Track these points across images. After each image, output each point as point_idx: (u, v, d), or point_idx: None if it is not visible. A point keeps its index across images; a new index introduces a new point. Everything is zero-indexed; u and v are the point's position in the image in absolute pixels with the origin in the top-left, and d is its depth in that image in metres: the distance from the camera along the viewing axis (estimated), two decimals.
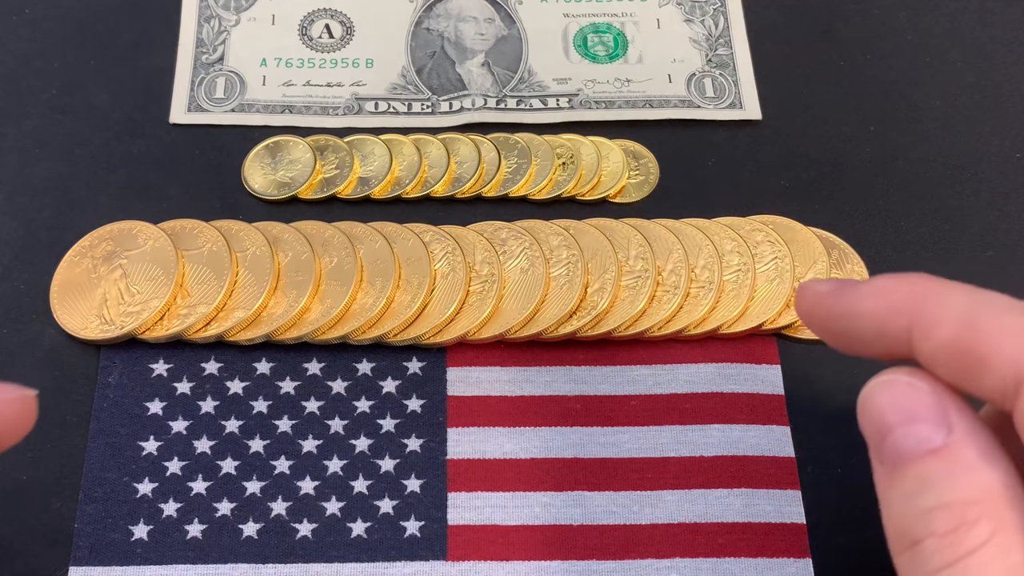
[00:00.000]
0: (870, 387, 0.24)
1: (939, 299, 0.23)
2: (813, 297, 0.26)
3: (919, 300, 0.23)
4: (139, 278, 0.37)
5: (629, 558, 0.34)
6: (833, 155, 0.42)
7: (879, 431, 0.24)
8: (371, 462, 0.35)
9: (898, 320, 0.24)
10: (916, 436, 0.23)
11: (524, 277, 0.38)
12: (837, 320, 0.25)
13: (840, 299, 0.25)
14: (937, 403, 0.23)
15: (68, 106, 0.42)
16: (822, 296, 0.26)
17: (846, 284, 0.26)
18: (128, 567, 0.33)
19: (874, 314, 0.24)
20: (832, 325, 0.26)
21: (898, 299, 0.24)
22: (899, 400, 0.24)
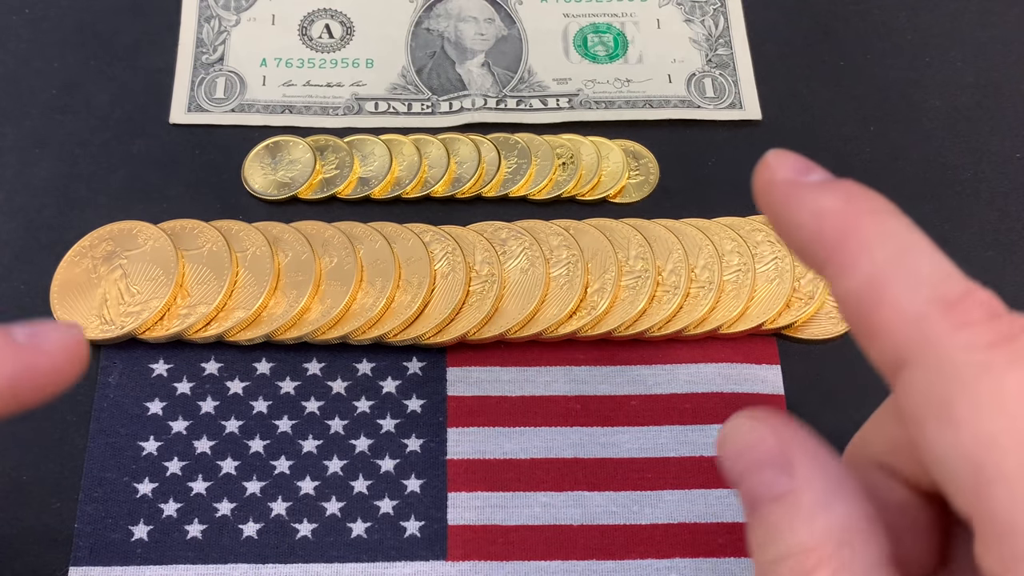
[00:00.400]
0: (721, 433, 0.24)
1: (862, 247, 0.22)
2: (768, 176, 0.25)
3: (845, 238, 0.22)
4: (139, 278, 0.37)
5: (629, 558, 0.34)
6: (833, 155, 0.42)
7: (734, 477, 0.23)
8: (371, 462, 0.35)
9: (819, 248, 0.23)
10: (762, 483, 0.22)
11: (524, 277, 0.38)
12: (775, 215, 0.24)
13: (784, 195, 0.24)
14: (780, 450, 0.23)
15: (68, 106, 0.42)
16: (775, 182, 0.25)
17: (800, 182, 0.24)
18: (128, 567, 0.33)
19: (803, 230, 0.23)
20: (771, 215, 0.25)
21: (827, 228, 0.22)
22: (746, 448, 0.23)
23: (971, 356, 0.20)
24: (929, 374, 0.20)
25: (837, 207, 0.23)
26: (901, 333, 0.21)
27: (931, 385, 0.20)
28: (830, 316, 0.38)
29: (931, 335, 0.20)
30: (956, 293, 0.21)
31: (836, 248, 0.22)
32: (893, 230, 0.22)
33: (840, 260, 0.22)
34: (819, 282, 0.38)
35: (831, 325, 0.38)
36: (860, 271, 0.22)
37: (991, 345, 0.20)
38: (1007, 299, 0.42)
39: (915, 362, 0.20)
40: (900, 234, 0.22)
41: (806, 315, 0.37)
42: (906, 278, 0.21)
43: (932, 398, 0.20)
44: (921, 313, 0.21)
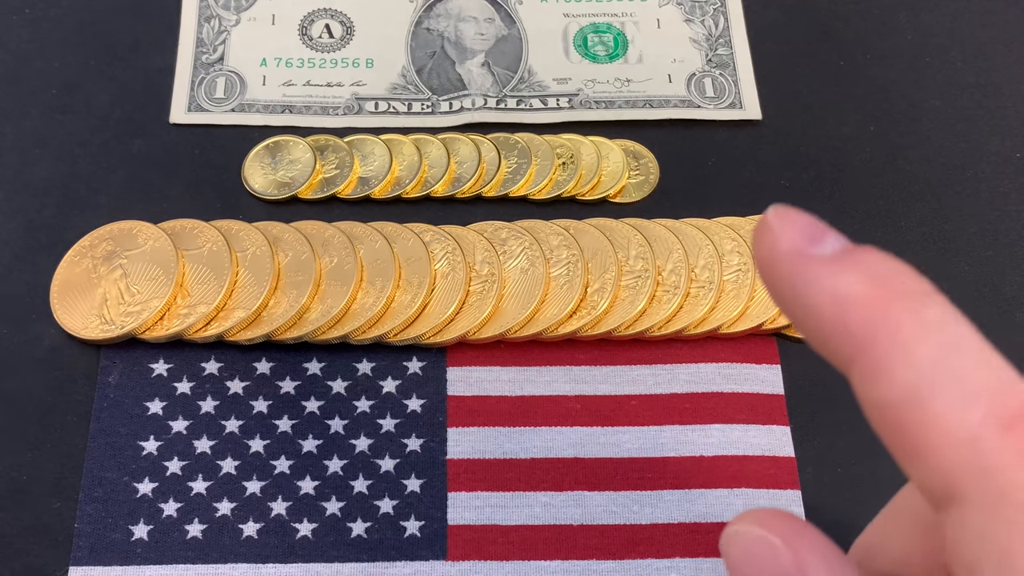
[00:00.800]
0: (725, 536, 0.21)
1: (899, 346, 0.18)
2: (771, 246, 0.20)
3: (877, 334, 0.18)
4: (139, 278, 0.37)
5: (629, 558, 0.34)
6: (833, 155, 0.42)
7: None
8: (371, 462, 0.35)
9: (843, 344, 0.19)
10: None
11: (524, 277, 0.38)
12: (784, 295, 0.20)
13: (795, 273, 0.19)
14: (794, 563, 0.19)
15: (68, 106, 0.42)
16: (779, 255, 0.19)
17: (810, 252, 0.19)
18: (128, 567, 0.33)
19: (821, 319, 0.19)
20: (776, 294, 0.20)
21: (854, 319, 0.18)
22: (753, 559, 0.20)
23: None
24: (986, 513, 0.17)
25: (863, 292, 0.18)
26: (951, 460, 0.17)
27: (989, 527, 0.17)
28: None
29: (989, 466, 0.17)
30: (1017, 407, 0.17)
31: (865, 346, 0.18)
32: (935, 322, 0.18)
33: (872, 362, 0.18)
34: None
35: None
36: (899, 379, 0.18)
37: None
38: (1007, 299, 0.42)
39: (969, 496, 0.17)
40: (944, 328, 0.18)
41: None
42: (955, 389, 0.17)
43: (990, 542, 0.17)
44: (975, 436, 0.17)
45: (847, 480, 0.35)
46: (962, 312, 0.18)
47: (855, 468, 0.36)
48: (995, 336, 0.41)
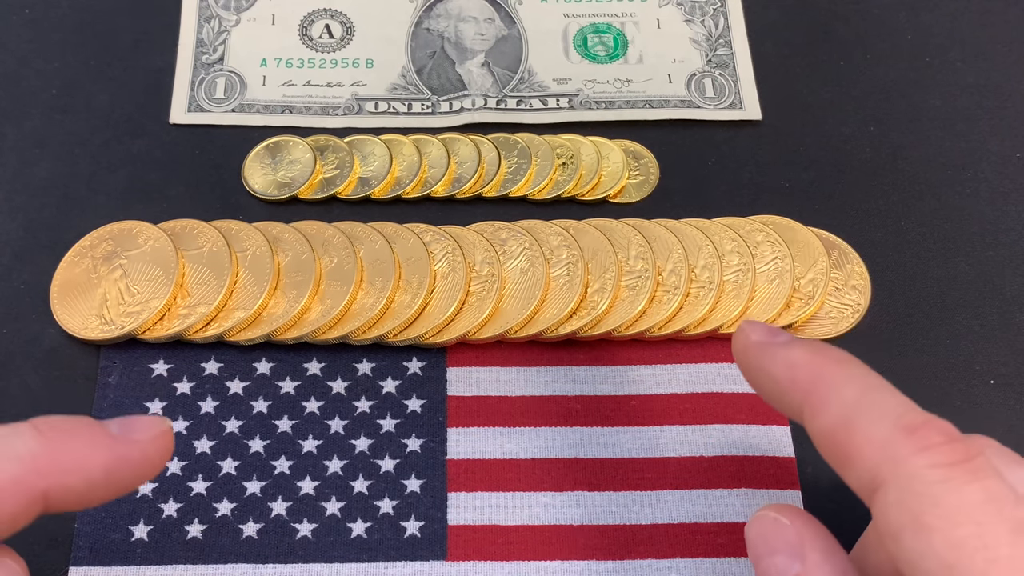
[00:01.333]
0: (750, 520, 0.28)
1: (831, 389, 0.26)
2: (744, 341, 0.29)
3: (816, 383, 0.26)
4: (139, 278, 0.37)
5: (629, 558, 0.34)
6: (833, 155, 0.42)
7: (753, 558, 0.27)
8: (371, 462, 0.35)
9: (795, 395, 0.26)
10: (776, 566, 0.26)
11: (524, 277, 0.38)
12: (753, 372, 0.29)
13: (759, 355, 0.28)
14: (795, 537, 0.26)
15: (68, 106, 0.42)
16: (750, 344, 0.29)
17: (771, 341, 0.28)
18: (128, 567, 0.33)
19: (779, 382, 0.27)
20: (749, 374, 0.29)
21: (800, 376, 0.26)
22: (765, 533, 0.27)
23: (935, 473, 0.23)
24: (900, 491, 0.23)
25: (806, 358, 0.27)
26: (873, 458, 0.24)
27: (903, 500, 0.23)
28: (830, 316, 0.38)
29: (899, 457, 0.24)
30: (917, 421, 0.24)
31: (809, 392, 0.26)
32: (856, 374, 0.26)
33: (814, 402, 0.26)
34: (819, 282, 0.38)
35: (831, 325, 0.38)
36: (832, 409, 0.25)
37: (951, 464, 0.23)
38: (1007, 299, 0.42)
39: (887, 482, 0.24)
40: (863, 377, 0.26)
41: (806, 315, 0.37)
42: (873, 411, 0.25)
43: (905, 511, 0.23)
44: (888, 439, 0.24)
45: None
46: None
47: None
48: (995, 336, 0.41)
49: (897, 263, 0.40)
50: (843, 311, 0.38)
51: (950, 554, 0.22)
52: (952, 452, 0.24)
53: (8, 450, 0.25)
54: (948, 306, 0.39)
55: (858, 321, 0.38)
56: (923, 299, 0.39)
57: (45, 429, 0.25)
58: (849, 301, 0.38)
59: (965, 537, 0.22)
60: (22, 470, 0.24)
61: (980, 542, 0.22)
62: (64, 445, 0.25)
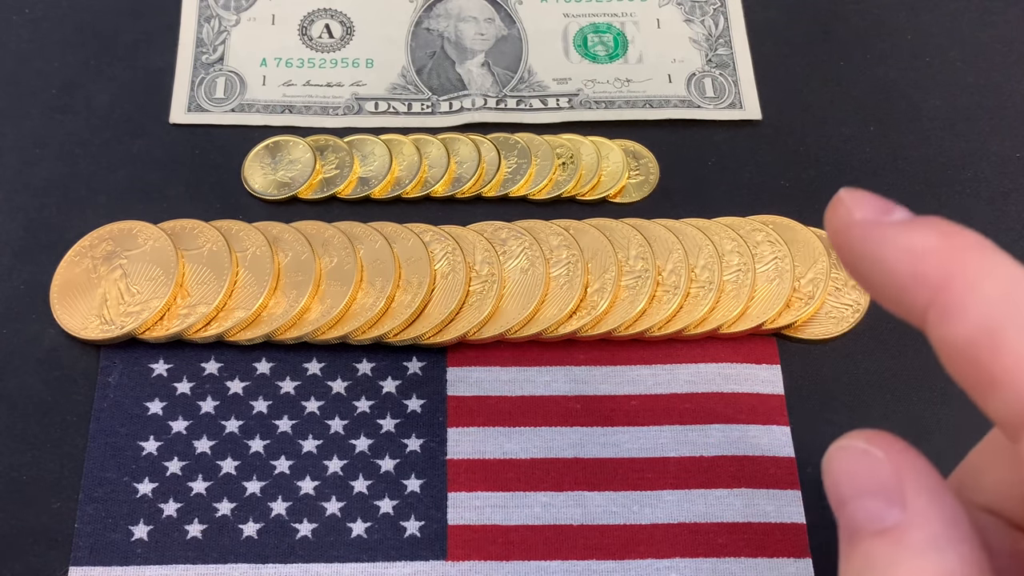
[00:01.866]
0: (829, 453, 0.22)
1: (971, 287, 0.20)
2: (845, 217, 0.22)
3: (950, 278, 0.20)
4: (139, 278, 0.37)
5: (629, 558, 0.34)
6: (833, 155, 0.42)
7: (835, 502, 0.21)
8: (371, 462, 0.35)
9: (918, 291, 0.20)
10: (867, 513, 0.20)
11: (524, 277, 0.38)
12: (861, 259, 0.22)
13: (868, 236, 0.21)
14: (893, 477, 0.20)
15: (68, 106, 0.42)
16: (854, 224, 0.22)
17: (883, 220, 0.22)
18: (128, 567, 0.33)
19: (896, 274, 0.21)
20: (854, 262, 0.22)
21: (927, 267, 0.20)
22: (853, 471, 0.21)
23: None
24: None
25: (934, 244, 0.21)
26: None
27: None
28: (830, 316, 0.38)
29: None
30: None
31: (940, 288, 0.20)
32: (1003, 267, 0.20)
33: (945, 303, 0.20)
34: (819, 282, 0.38)
35: (831, 325, 0.38)
36: (972, 315, 0.19)
37: None
38: None
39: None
40: (1011, 272, 0.20)
41: (806, 315, 0.37)
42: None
43: None
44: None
45: None
46: None
47: None
48: None
49: None
50: (843, 311, 0.38)
51: None
52: None
53: None
54: None
55: (858, 321, 0.38)
56: None
57: None
58: (849, 301, 0.38)
59: None
60: None
61: None
62: None
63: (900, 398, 0.37)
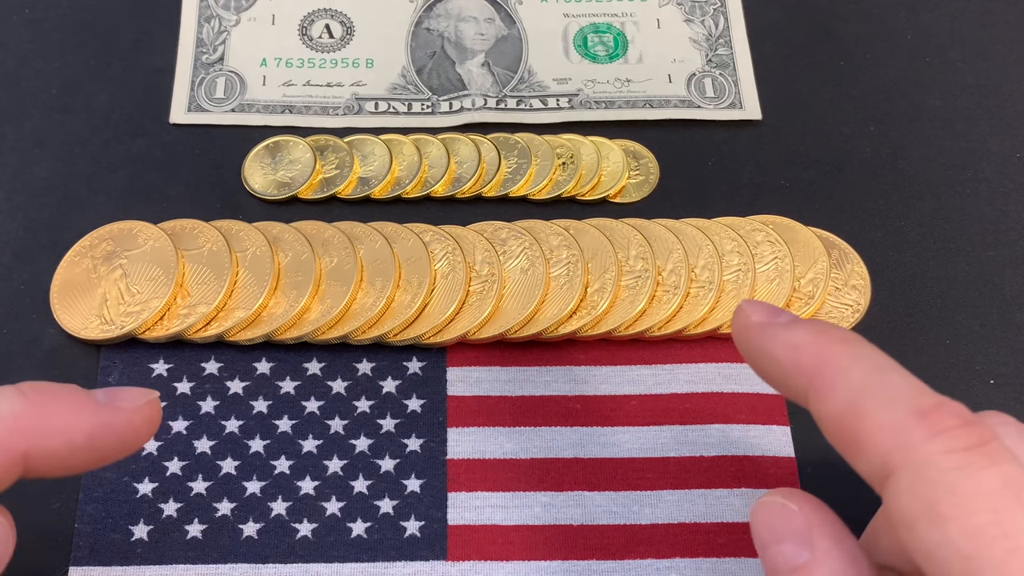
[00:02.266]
0: (753, 507, 0.26)
1: (837, 372, 0.24)
2: (744, 321, 0.27)
3: (821, 365, 0.25)
4: (139, 278, 0.37)
5: (629, 558, 0.34)
6: (833, 155, 0.42)
7: (759, 546, 0.26)
8: (371, 462, 0.35)
9: (799, 377, 0.25)
10: (783, 554, 0.25)
11: (524, 277, 0.38)
12: (754, 354, 0.27)
13: (760, 336, 0.27)
14: (803, 524, 0.25)
15: (68, 106, 0.42)
16: (750, 326, 0.27)
17: (773, 322, 0.27)
18: (128, 567, 0.33)
19: (782, 364, 0.26)
20: (750, 356, 0.27)
21: (804, 358, 0.25)
22: (771, 520, 0.26)
23: (950, 459, 0.22)
24: (913, 478, 0.22)
25: (809, 339, 0.25)
26: (884, 444, 0.23)
27: (917, 488, 0.22)
28: (830, 316, 0.38)
29: (911, 442, 0.22)
30: (930, 404, 0.23)
31: (814, 375, 0.25)
32: (863, 354, 0.24)
33: (819, 385, 0.24)
34: (819, 282, 0.38)
35: None
36: (839, 393, 0.24)
37: (967, 448, 0.22)
38: (1007, 299, 0.42)
39: (900, 468, 0.22)
40: (870, 357, 0.24)
41: (806, 315, 0.37)
42: (882, 394, 0.23)
43: (919, 499, 0.22)
44: (900, 424, 0.23)
45: (847, 480, 0.35)
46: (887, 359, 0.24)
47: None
48: (995, 336, 0.41)
49: (897, 263, 0.40)
50: (843, 311, 0.38)
51: (967, 543, 0.21)
52: (967, 436, 0.22)
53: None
54: (948, 306, 0.39)
55: (858, 321, 0.38)
56: (923, 299, 0.39)
57: (29, 392, 0.25)
58: (849, 301, 0.38)
59: (983, 525, 0.21)
60: (4, 430, 0.25)
61: (999, 530, 0.21)
62: (47, 408, 0.25)
63: None
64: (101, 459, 0.26)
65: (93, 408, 0.26)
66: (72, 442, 0.25)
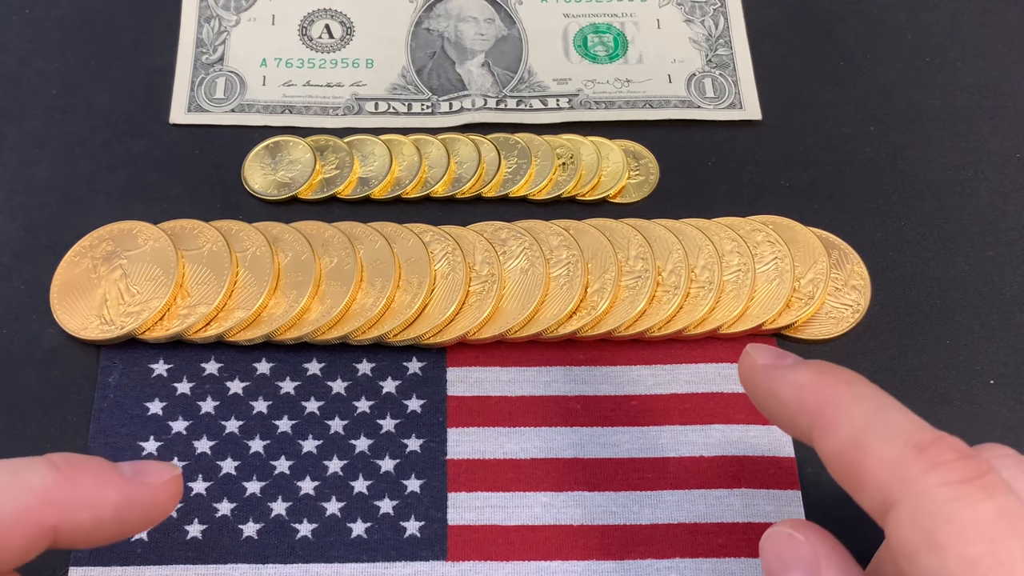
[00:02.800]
0: (763, 537, 0.28)
1: (840, 411, 0.26)
2: (751, 364, 0.29)
3: (825, 405, 0.26)
4: (139, 278, 0.37)
5: (629, 558, 0.34)
6: (833, 155, 0.42)
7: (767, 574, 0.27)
8: (371, 462, 0.35)
9: (803, 418, 0.26)
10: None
11: (524, 277, 0.38)
12: (761, 396, 0.28)
13: (767, 378, 0.28)
14: (810, 553, 0.26)
15: (68, 106, 0.42)
16: (756, 368, 0.29)
17: (778, 364, 0.28)
18: (128, 567, 0.33)
19: (787, 405, 0.27)
20: (757, 398, 0.29)
21: (808, 398, 0.26)
22: (779, 549, 0.27)
23: (947, 491, 0.23)
24: (913, 510, 0.23)
25: (813, 379, 0.27)
26: (884, 478, 0.24)
27: (916, 519, 0.23)
28: (830, 316, 0.38)
29: (910, 476, 0.24)
30: (928, 439, 0.24)
31: (817, 414, 0.26)
32: (865, 394, 0.26)
33: (823, 423, 0.26)
34: (819, 282, 0.38)
35: (831, 325, 0.38)
36: (841, 431, 0.25)
37: (963, 481, 0.23)
38: (1007, 299, 0.42)
39: (900, 501, 0.24)
40: (871, 396, 0.26)
41: (806, 315, 0.37)
42: (882, 431, 0.25)
43: (918, 530, 0.23)
44: (899, 459, 0.24)
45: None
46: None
47: None
48: (995, 336, 0.41)
49: (897, 263, 0.40)
50: (843, 311, 0.38)
51: (964, 572, 0.22)
52: (964, 469, 0.24)
53: (23, 481, 0.25)
54: (948, 306, 0.39)
55: (858, 321, 0.38)
56: (923, 299, 0.39)
57: (60, 464, 0.26)
58: (849, 301, 0.38)
59: (979, 555, 0.22)
60: (35, 502, 0.25)
61: (995, 560, 0.22)
62: (77, 481, 0.26)
63: (900, 398, 0.37)
64: (124, 532, 0.27)
65: (120, 483, 0.26)
66: (100, 516, 0.26)
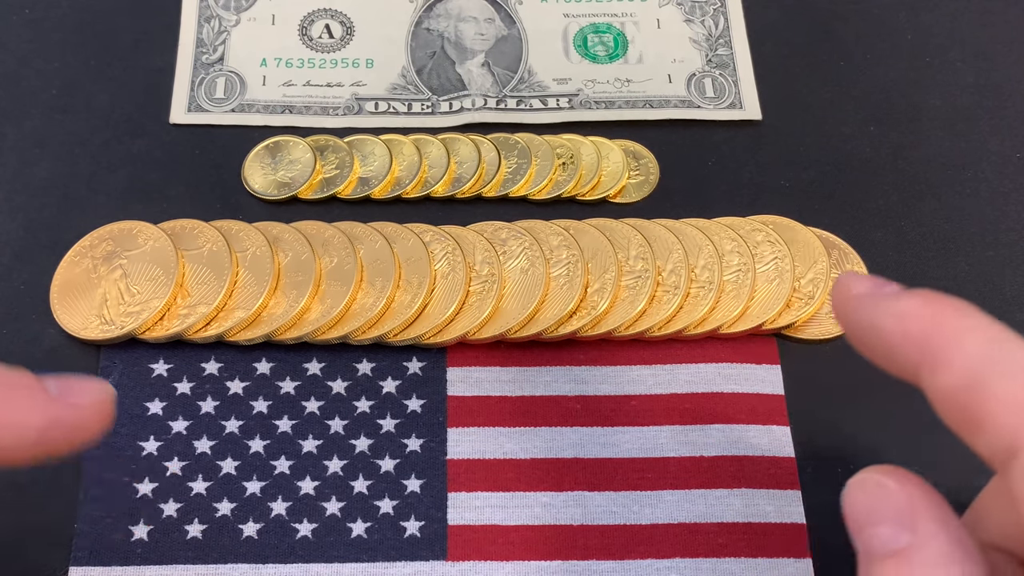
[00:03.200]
0: (848, 485, 0.24)
1: (954, 342, 0.22)
2: (845, 293, 0.25)
3: (935, 336, 0.23)
4: (139, 278, 0.37)
5: (629, 558, 0.34)
6: (833, 155, 0.42)
7: (853, 529, 0.24)
8: (371, 462, 0.35)
9: (909, 350, 0.23)
10: (880, 537, 0.23)
11: (524, 277, 0.38)
12: (858, 327, 0.25)
13: (865, 307, 0.24)
14: (905, 505, 0.23)
15: (68, 106, 0.42)
16: (852, 298, 0.25)
17: (878, 293, 0.25)
18: (128, 567, 0.33)
19: (890, 336, 0.24)
20: (853, 330, 0.25)
21: (915, 328, 0.23)
22: (868, 501, 0.24)
23: None
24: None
25: (919, 308, 0.23)
26: (1011, 421, 0.21)
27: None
28: (830, 316, 0.38)
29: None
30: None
31: (926, 346, 0.23)
32: (980, 324, 0.23)
33: (933, 358, 0.22)
34: (819, 282, 0.38)
35: (831, 325, 0.38)
36: (957, 367, 0.22)
37: None
38: (1007, 299, 0.42)
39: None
40: (989, 327, 0.23)
41: (806, 315, 0.37)
42: (1006, 366, 0.21)
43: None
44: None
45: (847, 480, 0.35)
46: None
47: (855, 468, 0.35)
48: None
49: (897, 263, 0.40)
50: None
51: None
52: None
53: None
54: None
55: None
56: None
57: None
58: None
59: None
60: None
61: None
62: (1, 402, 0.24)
63: (900, 398, 0.37)
64: (47, 454, 0.25)
65: (45, 404, 0.25)
66: (21, 437, 0.24)
